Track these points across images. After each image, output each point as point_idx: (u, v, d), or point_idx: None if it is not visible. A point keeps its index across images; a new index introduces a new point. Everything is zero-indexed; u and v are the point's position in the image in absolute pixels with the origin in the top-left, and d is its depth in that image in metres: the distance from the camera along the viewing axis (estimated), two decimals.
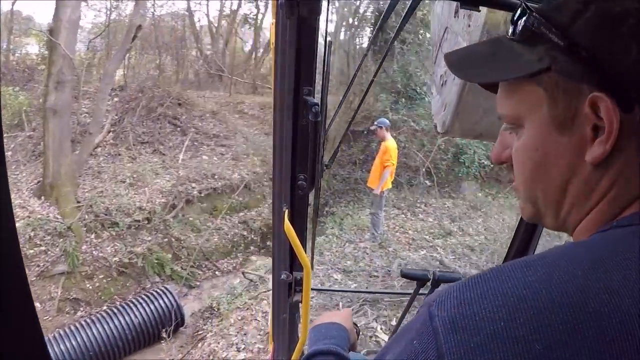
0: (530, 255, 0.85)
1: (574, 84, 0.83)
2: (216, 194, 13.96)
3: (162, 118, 16.64)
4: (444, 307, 0.72)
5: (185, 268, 11.13)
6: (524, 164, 0.94)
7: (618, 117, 0.78)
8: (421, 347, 0.71)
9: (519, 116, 0.92)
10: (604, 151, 0.80)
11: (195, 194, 13.17)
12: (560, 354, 0.63)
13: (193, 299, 10.45)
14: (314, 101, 1.59)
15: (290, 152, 1.76)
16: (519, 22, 0.92)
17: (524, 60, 0.89)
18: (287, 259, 2.04)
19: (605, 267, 0.71)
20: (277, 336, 2.46)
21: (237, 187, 14.22)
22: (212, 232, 12.60)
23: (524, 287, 0.69)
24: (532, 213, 0.99)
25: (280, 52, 1.65)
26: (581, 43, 0.81)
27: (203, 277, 11.57)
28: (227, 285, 10.48)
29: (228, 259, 12.59)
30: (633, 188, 0.83)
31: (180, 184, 13.01)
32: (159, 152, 15.29)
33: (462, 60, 1.07)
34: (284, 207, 1.88)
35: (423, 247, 11.10)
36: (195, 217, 12.84)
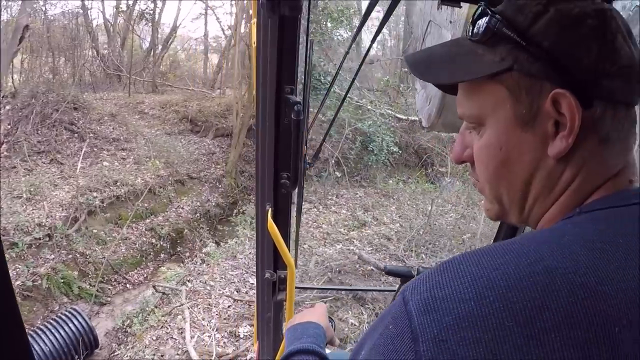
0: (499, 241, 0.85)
1: (535, 82, 0.87)
2: (120, 201, 13.29)
3: (58, 124, 15.73)
4: (417, 291, 0.75)
5: (94, 285, 10.41)
6: (487, 162, 0.97)
7: (579, 113, 0.84)
8: (396, 331, 0.73)
9: (481, 115, 0.96)
10: (566, 145, 0.86)
11: (98, 203, 12.45)
12: (529, 329, 0.66)
13: (106, 316, 9.82)
14: (296, 100, 1.62)
15: (273, 151, 1.79)
16: (479, 23, 0.95)
17: (485, 60, 0.92)
18: (271, 257, 2.09)
19: (571, 249, 0.74)
20: (261, 335, 2.46)
21: (141, 192, 13.64)
22: (118, 243, 11.96)
23: (493, 269, 0.72)
24: (498, 211, 1.04)
25: (261, 52, 1.65)
26: (542, 43, 0.86)
27: (114, 292, 10.88)
28: (140, 299, 9.98)
29: (138, 269, 11.97)
30: (594, 179, 0.89)
31: (81, 194, 12.26)
32: (57, 161, 14.43)
33: (422, 62, 1.09)
34: (267, 206, 1.93)
35: (339, 241, 10.98)
36: (99, 228, 12.14)
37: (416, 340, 0.69)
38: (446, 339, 0.67)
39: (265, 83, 1.68)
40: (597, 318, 0.67)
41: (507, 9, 0.93)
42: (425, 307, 0.71)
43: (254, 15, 1.73)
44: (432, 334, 0.68)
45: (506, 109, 0.91)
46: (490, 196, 1.02)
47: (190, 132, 19.48)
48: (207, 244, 12.43)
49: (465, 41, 0.99)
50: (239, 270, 9.22)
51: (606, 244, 0.76)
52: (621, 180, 0.90)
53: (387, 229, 11.90)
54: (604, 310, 0.68)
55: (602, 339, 0.67)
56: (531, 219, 0.98)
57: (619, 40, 0.86)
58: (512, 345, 0.65)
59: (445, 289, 0.72)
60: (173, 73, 27.84)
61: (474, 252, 0.78)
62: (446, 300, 0.70)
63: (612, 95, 0.86)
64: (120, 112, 18.84)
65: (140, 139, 16.85)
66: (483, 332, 0.66)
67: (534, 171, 0.92)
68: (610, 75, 0.85)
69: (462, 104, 1.01)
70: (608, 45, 0.86)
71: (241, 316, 7.60)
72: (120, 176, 13.99)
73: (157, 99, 21.59)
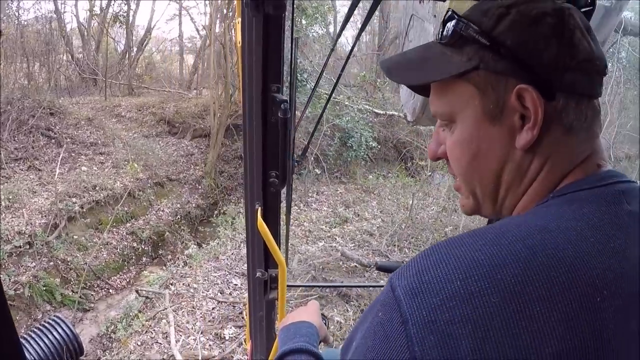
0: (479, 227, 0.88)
1: (501, 79, 0.93)
2: (99, 206, 13.18)
3: (35, 130, 15.57)
4: (403, 277, 0.78)
5: (77, 291, 10.27)
6: (460, 157, 1.02)
7: (542, 105, 0.89)
8: (386, 317, 0.77)
9: (452, 113, 1.01)
10: (532, 137, 0.91)
11: (77, 209, 12.32)
12: (515, 303, 0.69)
13: (90, 323, 9.72)
14: (282, 98, 1.64)
15: (260, 150, 1.79)
16: (447, 27, 1.00)
17: (454, 61, 0.98)
18: (262, 256, 2.10)
19: (548, 228, 0.80)
20: (254, 335, 2.48)
21: (120, 196, 13.51)
22: (99, 248, 11.84)
23: (476, 250, 0.76)
24: (473, 205, 1.08)
25: (247, 51, 1.66)
26: (505, 42, 0.92)
27: (97, 298, 10.79)
28: (123, 303, 9.89)
29: (120, 274, 11.88)
30: (562, 166, 0.94)
31: (60, 200, 12.11)
32: (35, 167, 14.26)
33: (396, 66, 1.15)
34: (256, 205, 1.93)
35: (321, 239, 10.94)
36: (80, 234, 12.02)
37: (406, 323, 0.72)
38: (435, 320, 0.70)
39: (251, 82, 1.70)
40: (579, 288, 0.72)
41: (472, 13, 0.98)
42: (412, 291, 0.74)
43: (238, 15, 1.74)
44: (421, 315, 0.71)
45: (475, 105, 0.96)
46: (466, 191, 1.07)
47: (168, 133, 19.40)
48: (188, 246, 12.35)
49: (435, 45, 1.05)
50: (222, 272, 9.18)
51: (580, 221, 0.82)
52: (589, 165, 0.95)
53: (369, 225, 11.87)
54: (584, 281, 0.73)
55: (584, 308, 0.71)
56: (504, 209, 1.03)
57: (577, 36, 0.91)
58: (499, 321, 0.69)
59: (430, 271, 0.75)
60: (149, 75, 27.67)
61: (456, 237, 0.82)
62: (432, 282, 0.73)
63: (574, 88, 0.91)
64: (97, 116, 18.72)
65: (118, 143, 16.70)
66: (471, 310, 0.69)
67: (503, 163, 0.96)
68: (571, 69, 0.90)
69: (434, 103, 1.06)
70: (566, 41, 0.91)
71: (226, 318, 7.57)
72: (99, 181, 13.87)
73: (133, 102, 21.44)
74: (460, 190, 1.09)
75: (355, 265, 9.08)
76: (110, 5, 24.59)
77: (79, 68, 23.94)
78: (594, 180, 0.92)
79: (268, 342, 2.43)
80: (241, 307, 7.86)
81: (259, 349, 2.50)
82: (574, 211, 0.85)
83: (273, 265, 2.12)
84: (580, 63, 0.91)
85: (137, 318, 7.94)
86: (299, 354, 1.50)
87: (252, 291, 2.30)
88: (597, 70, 0.94)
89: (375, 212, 13.25)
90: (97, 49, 25.35)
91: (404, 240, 10.68)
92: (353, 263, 9.12)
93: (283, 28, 1.57)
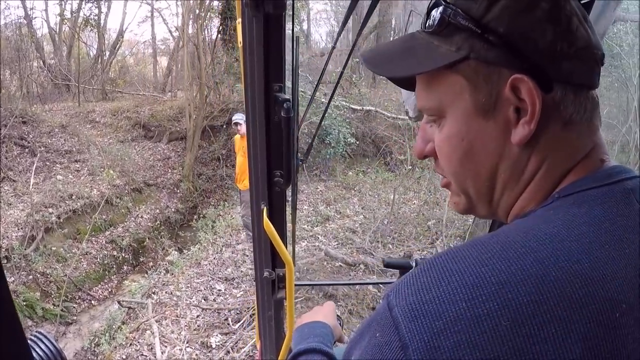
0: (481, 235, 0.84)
1: (493, 69, 0.86)
2: (77, 215, 12.97)
3: (8, 140, 15.31)
4: (401, 295, 0.72)
5: (58, 304, 10.05)
6: (450, 154, 0.95)
7: (539, 97, 0.82)
8: (384, 340, 0.70)
9: (441, 107, 0.94)
10: (529, 131, 0.84)
11: (54, 219, 12.10)
12: (527, 327, 0.63)
13: (73, 336, 9.52)
14: (285, 97, 1.61)
15: (265, 150, 1.77)
16: (432, 14, 0.93)
17: (441, 51, 0.91)
18: (269, 256, 2.07)
19: (559, 237, 0.73)
20: (263, 334, 2.45)
21: (98, 204, 13.32)
22: (79, 258, 11.64)
23: (481, 265, 0.69)
24: (465, 205, 1.01)
25: (248, 51, 1.62)
26: (497, 29, 0.84)
27: (79, 310, 10.57)
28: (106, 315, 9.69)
29: (102, 284, 11.67)
30: (563, 162, 0.88)
31: (36, 211, 11.89)
32: (9, 178, 13.99)
33: (379, 57, 1.07)
34: (262, 204, 1.90)
35: (303, 238, 10.83)
36: (58, 245, 11.80)
37: (406, 349, 0.66)
38: (439, 346, 0.64)
39: (253, 82, 1.66)
40: (597, 305, 0.66)
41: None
42: (412, 313, 0.68)
43: (238, 15, 1.68)
44: (423, 341, 0.65)
45: (465, 98, 0.90)
46: (457, 189, 1.01)
47: (144, 138, 19.25)
48: (169, 252, 12.21)
49: (420, 34, 0.98)
50: (205, 277, 9.04)
51: (592, 226, 0.76)
52: (593, 161, 0.89)
53: (351, 222, 11.78)
54: (602, 295, 0.67)
55: (603, 325, 0.65)
56: (500, 209, 0.97)
57: (574, 22, 0.86)
58: (511, 347, 0.62)
59: (432, 290, 0.69)
60: (122, 79, 27.40)
61: (458, 248, 0.76)
62: (434, 302, 0.67)
63: (572, 78, 0.86)
64: (71, 123, 18.50)
65: (93, 149, 16.50)
66: (478, 335, 0.63)
67: (498, 160, 0.90)
68: (568, 57, 0.84)
69: (420, 97, 1.00)
70: (563, 27, 0.85)
71: (211, 325, 7.43)
72: (75, 189, 13.66)
73: (107, 107, 21.23)
74: (449, 187, 1.04)
75: (340, 265, 8.99)
76: (81, 9, 24.30)
77: (51, 74, 23.58)
78: (600, 177, 0.86)
79: (277, 342, 2.43)
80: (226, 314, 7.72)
81: (268, 348, 2.48)
82: (584, 214, 0.78)
83: (280, 264, 2.10)
84: (578, 51, 0.85)
85: (121, 330, 7.79)
86: (312, 353, 1.49)
87: (260, 291, 2.27)
88: (595, 59, 0.88)
89: (356, 208, 13.18)
90: (69, 54, 25.10)
91: (387, 236, 10.63)
92: (338, 262, 9.03)
93: (284, 27, 1.53)
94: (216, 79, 18.92)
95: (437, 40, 0.92)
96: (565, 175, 0.88)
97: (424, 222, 11.29)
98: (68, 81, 23.63)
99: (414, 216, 11.74)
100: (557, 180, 0.89)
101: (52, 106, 20.77)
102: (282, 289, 2.15)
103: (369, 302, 7.63)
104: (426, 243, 10.29)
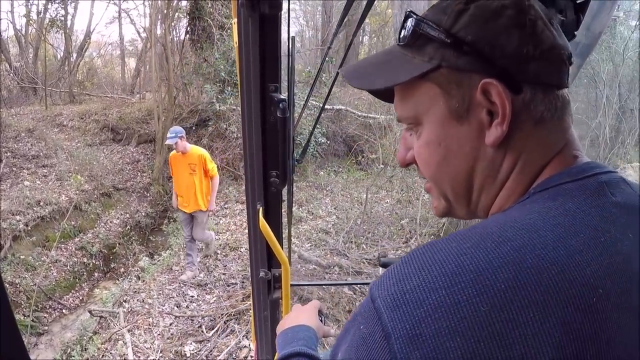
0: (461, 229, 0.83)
1: (464, 75, 0.90)
2: (45, 222, 12.65)
3: None
4: (383, 286, 0.74)
5: (28, 314, 9.76)
6: (428, 159, 1.00)
7: (509, 99, 0.87)
8: (368, 331, 0.72)
9: (417, 115, 0.99)
10: (502, 132, 0.88)
11: (22, 227, 11.78)
12: (506, 312, 0.65)
13: (45, 347, 9.22)
14: (281, 97, 1.65)
15: (260, 150, 1.80)
16: (406, 28, 0.98)
17: (415, 62, 0.95)
18: (265, 256, 2.13)
19: (535, 227, 0.75)
20: (259, 335, 2.50)
21: (66, 210, 13.04)
22: (48, 266, 11.35)
23: (460, 254, 0.72)
24: (445, 208, 1.05)
25: (243, 51, 1.66)
26: (465, 38, 0.89)
27: (50, 320, 10.24)
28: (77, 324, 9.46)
29: (73, 292, 11.34)
30: (537, 159, 0.91)
31: (3, 219, 11.61)
32: None
33: (356, 73, 1.11)
34: (258, 205, 1.95)
35: None
36: (27, 253, 11.48)
37: (389, 338, 0.68)
38: (420, 333, 0.66)
39: (249, 82, 1.70)
40: (573, 290, 0.68)
41: (431, 12, 0.97)
42: (393, 302, 0.70)
43: (234, 15, 1.74)
44: (405, 329, 0.67)
45: (440, 105, 0.94)
46: (437, 193, 1.05)
47: (112, 141, 18.98)
48: (140, 257, 11.96)
49: (395, 47, 1.03)
50: (176, 284, 8.90)
51: (567, 217, 0.79)
52: (566, 157, 0.93)
53: (324, 223, 11.77)
54: (578, 281, 0.69)
55: (580, 310, 0.68)
56: (480, 210, 1.01)
57: (539, 26, 0.89)
58: (490, 331, 0.64)
59: (412, 279, 0.72)
60: (90, 81, 27.08)
61: (439, 241, 0.78)
62: (415, 291, 0.70)
63: (539, 78, 0.89)
64: (38, 127, 18.16)
65: (60, 154, 16.19)
66: (459, 321, 0.65)
67: (474, 162, 0.94)
68: (535, 58, 0.88)
69: (398, 107, 1.05)
70: (528, 30, 0.88)
71: (185, 333, 7.31)
72: (43, 195, 13.35)
73: (75, 110, 20.88)
74: (430, 191, 1.08)
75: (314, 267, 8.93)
76: (47, 10, 23.91)
77: (17, 77, 23.22)
78: (574, 172, 0.89)
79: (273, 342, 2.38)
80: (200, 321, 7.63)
81: (264, 348, 2.52)
82: (559, 206, 0.82)
83: (276, 265, 2.17)
84: (544, 52, 0.89)
85: (92, 341, 7.61)
86: (297, 357, 1.50)
87: (255, 291, 2.33)
88: (562, 59, 0.92)
89: (329, 209, 13.16)
90: (35, 56, 24.66)
91: (361, 236, 10.63)
92: (312, 265, 8.97)
93: (279, 27, 1.57)
94: (185, 79, 18.78)
95: (411, 52, 0.97)
96: (540, 172, 0.92)
97: (398, 221, 11.32)
98: (35, 84, 23.27)
99: (387, 215, 11.76)
100: (532, 178, 0.92)
101: (19, 110, 20.39)
102: (278, 289, 2.21)
103: (344, 304, 7.60)
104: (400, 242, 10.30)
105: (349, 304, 7.62)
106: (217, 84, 15.89)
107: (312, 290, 7.85)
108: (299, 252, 9.48)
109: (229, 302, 8.07)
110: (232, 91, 15.41)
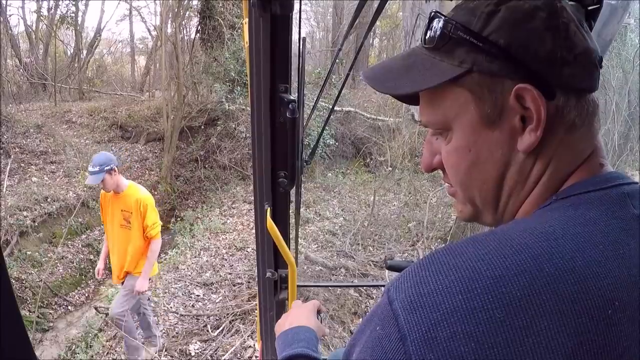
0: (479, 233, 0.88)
1: (497, 80, 0.88)
2: (52, 219, 12.67)
3: None
4: (401, 289, 0.74)
5: (34, 310, 9.72)
6: (457, 165, 0.98)
7: (544, 105, 0.85)
8: (384, 332, 0.73)
9: (447, 121, 0.96)
10: (536, 138, 0.87)
11: (29, 223, 11.80)
12: (521, 319, 0.65)
13: (50, 344, 9.19)
14: (290, 98, 1.64)
15: (269, 150, 1.80)
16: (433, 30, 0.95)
17: (444, 66, 0.93)
18: (272, 257, 2.13)
19: (554, 235, 0.75)
20: (265, 335, 2.49)
21: (74, 207, 12.95)
22: (55, 263, 11.36)
23: (477, 260, 0.72)
24: (471, 213, 1.04)
25: (254, 51, 1.65)
26: (498, 41, 0.87)
27: (56, 316, 10.24)
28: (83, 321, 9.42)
29: (78, 289, 11.36)
30: (565, 166, 0.90)
31: (10, 214, 11.61)
32: None
33: (380, 75, 1.08)
34: (266, 205, 1.95)
35: None
36: (33, 249, 11.48)
37: (404, 340, 0.69)
38: (435, 337, 0.67)
39: (259, 82, 1.69)
40: (590, 301, 0.68)
41: (458, 14, 0.94)
42: (410, 305, 0.71)
43: (245, 15, 1.72)
44: (421, 332, 0.68)
45: (470, 110, 0.92)
46: (463, 198, 1.03)
47: (121, 138, 18.93)
48: None
49: (421, 50, 1.01)
50: (182, 282, 8.89)
51: (588, 226, 0.78)
52: (592, 165, 0.92)
53: (330, 224, 11.74)
54: (595, 292, 0.69)
55: (595, 321, 0.67)
56: (506, 216, 0.99)
57: (572, 29, 0.88)
58: (504, 338, 0.65)
59: (430, 284, 0.72)
60: (100, 78, 27.03)
61: (456, 245, 0.78)
62: (432, 295, 0.70)
63: (573, 83, 0.88)
64: (47, 123, 18.12)
65: (69, 150, 16.18)
66: (474, 326, 0.65)
67: (505, 168, 0.93)
68: (568, 63, 0.86)
69: (425, 112, 1.03)
70: (562, 34, 0.87)
71: (190, 332, 7.30)
72: (50, 191, 13.38)
73: (84, 107, 20.81)
74: (455, 195, 1.06)
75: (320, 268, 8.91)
76: (58, 7, 23.93)
77: (27, 73, 23.18)
78: (599, 181, 0.88)
79: None
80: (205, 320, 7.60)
81: (270, 349, 2.50)
82: (580, 215, 0.81)
83: (283, 265, 2.16)
84: (577, 56, 0.87)
85: (97, 338, 7.62)
86: (299, 359, 1.50)
87: (262, 291, 2.33)
88: (594, 63, 0.90)
89: (336, 210, 13.15)
90: (45, 52, 24.64)
91: (368, 238, 10.62)
92: (318, 267, 8.95)
93: (290, 28, 1.57)
94: (194, 79, 18.77)
95: (439, 55, 0.95)
96: (567, 178, 0.91)
97: (405, 224, 11.29)
98: (44, 80, 23.24)
99: (394, 218, 11.74)
100: (559, 184, 0.91)
101: (28, 106, 20.32)
102: (284, 289, 2.21)
103: (350, 306, 7.57)
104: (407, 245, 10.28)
105: (354, 305, 7.59)
106: (227, 84, 15.87)
107: (318, 292, 7.83)
108: (305, 253, 9.47)
109: (235, 301, 8.06)
110: (241, 91, 15.38)
